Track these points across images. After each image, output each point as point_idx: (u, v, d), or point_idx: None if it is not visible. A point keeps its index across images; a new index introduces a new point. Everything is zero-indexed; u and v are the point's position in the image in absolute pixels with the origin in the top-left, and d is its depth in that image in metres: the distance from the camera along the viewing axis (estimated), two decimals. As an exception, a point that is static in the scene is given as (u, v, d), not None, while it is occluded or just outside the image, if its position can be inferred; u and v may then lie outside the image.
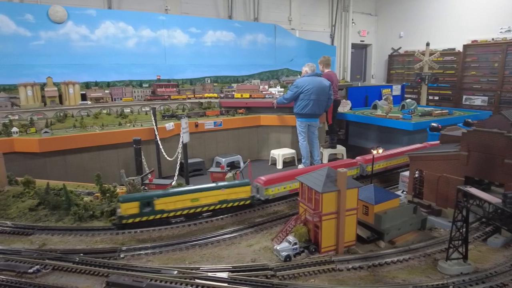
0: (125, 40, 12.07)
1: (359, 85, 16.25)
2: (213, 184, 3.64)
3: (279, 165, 10.57)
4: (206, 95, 12.25)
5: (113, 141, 9.31)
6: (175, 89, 12.07)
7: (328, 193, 2.77)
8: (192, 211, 3.45)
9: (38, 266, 2.58)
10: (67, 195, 3.54)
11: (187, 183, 8.52)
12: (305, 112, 9.04)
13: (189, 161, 9.51)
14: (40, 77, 10.90)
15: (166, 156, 9.04)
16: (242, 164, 10.38)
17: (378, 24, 19.21)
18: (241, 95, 11.57)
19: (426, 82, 14.42)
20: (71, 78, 11.07)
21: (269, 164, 11.00)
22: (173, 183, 4.59)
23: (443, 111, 11.32)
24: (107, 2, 12.31)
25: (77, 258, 2.69)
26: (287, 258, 2.73)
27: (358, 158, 4.80)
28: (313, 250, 2.85)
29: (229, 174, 4.81)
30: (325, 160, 10.67)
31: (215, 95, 12.24)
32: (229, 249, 2.91)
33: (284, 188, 3.94)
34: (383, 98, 13.79)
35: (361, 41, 18.87)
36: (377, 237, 3.11)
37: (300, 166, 6.94)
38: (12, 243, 3.06)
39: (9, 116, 9.82)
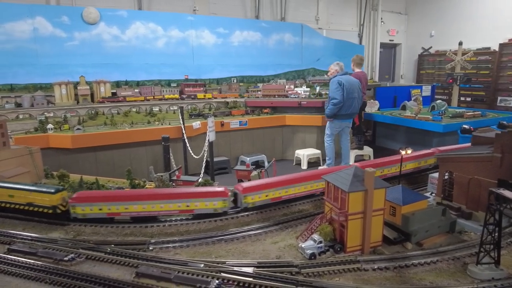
0: (155, 40, 12.38)
1: (388, 85, 15.90)
2: (23, 186, 3.52)
3: (304, 165, 10.53)
4: (228, 95, 12.38)
5: (142, 138, 9.57)
6: (202, 88, 12.25)
7: (354, 193, 2.75)
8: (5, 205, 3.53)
9: (73, 255, 2.72)
10: (99, 189, 3.70)
11: (212, 181, 8.65)
12: (349, 112, 8.62)
13: (215, 159, 9.64)
14: (74, 76, 11.37)
15: (192, 154, 9.19)
16: (266, 164, 10.41)
17: (408, 23, 18.72)
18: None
19: (458, 83, 13.92)
20: (102, 77, 11.48)
21: (294, 164, 10.98)
22: (199, 180, 4.70)
23: (476, 113, 10.87)
24: (138, 3, 12.67)
25: (109, 249, 2.81)
26: (312, 256, 2.74)
27: (240, 184, 3.85)
28: (338, 249, 2.84)
29: (254, 173, 4.86)
30: (351, 162, 10.52)
31: (236, 95, 12.36)
32: (254, 245, 2.95)
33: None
34: (412, 99, 13.42)
35: (390, 40, 18.47)
36: (404, 239, 3.05)
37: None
38: (49, 232, 3.24)
39: (45, 113, 10.32)
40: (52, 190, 3.38)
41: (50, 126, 9.35)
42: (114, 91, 11.54)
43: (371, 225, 2.85)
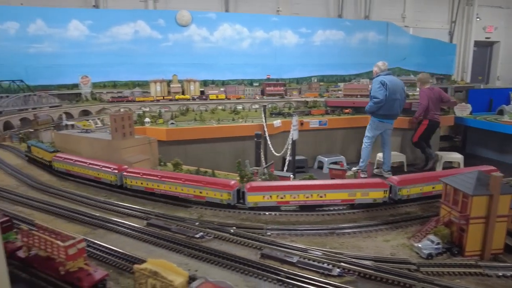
0: (240, 41, 12.95)
1: (481, 87, 14.60)
2: None
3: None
4: (307, 94, 12.44)
5: (226, 134, 10.10)
6: (282, 88, 12.51)
7: (478, 197, 2.68)
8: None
9: (202, 233, 3.06)
10: (215, 176, 4.08)
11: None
12: (391, 113, 8.37)
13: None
14: (167, 75, 12.40)
15: (273, 151, 9.42)
16: (345, 165, 10.27)
17: (509, 18, 16.89)
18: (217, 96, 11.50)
19: None
20: (192, 76, 12.33)
21: (375, 167, 10.67)
22: (291, 177, 4.87)
23: None
24: (225, 5, 13.33)
25: (232, 230, 3.11)
26: (429, 256, 2.73)
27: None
28: (456, 252, 2.79)
29: (350, 172, 4.90)
30: (439, 168, 9.91)
31: (316, 94, 12.35)
32: (366, 241, 3.03)
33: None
34: (512, 102, 12.18)
35: (486, 38, 16.85)
36: (528, 250, 2.88)
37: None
38: (175, 212, 3.67)
39: (142, 108, 11.43)
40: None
41: (147, 119, 10.35)
42: (202, 89, 12.32)
43: (494, 231, 2.75)
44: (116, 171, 4.29)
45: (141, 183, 4.10)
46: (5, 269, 2.09)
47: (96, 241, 2.93)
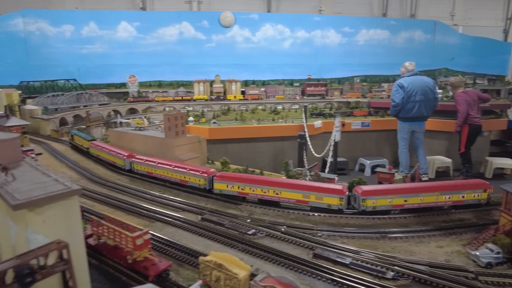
0: (281, 42, 13.00)
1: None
2: None
3: (431, 174, 9.76)
4: (349, 95, 12.25)
5: (267, 134, 10.18)
6: (323, 88, 12.41)
7: (544, 206, 2.58)
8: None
9: (254, 230, 3.17)
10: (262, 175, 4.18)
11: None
12: (410, 115, 7.98)
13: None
14: (210, 75, 12.71)
15: (313, 152, 9.37)
16: (387, 168, 10.01)
17: None
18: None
19: None
20: (234, 76, 12.55)
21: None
22: (336, 179, 4.86)
23: None
24: (267, 5, 13.43)
25: (283, 229, 3.19)
26: (488, 265, 2.66)
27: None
28: (517, 263, 2.70)
29: (398, 176, 4.82)
30: (489, 175, 9.38)
31: (358, 95, 12.13)
32: (419, 246, 3.00)
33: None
34: None
35: (545, 36, 15.73)
36: None
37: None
38: (227, 209, 3.82)
39: (186, 107, 11.82)
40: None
41: (190, 118, 10.68)
42: (243, 89, 12.52)
43: (560, 243, 2.63)
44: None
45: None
46: (84, 255, 2.32)
47: (155, 233, 3.12)
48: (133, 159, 4.97)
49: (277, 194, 3.75)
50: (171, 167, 4.37)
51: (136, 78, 13.00)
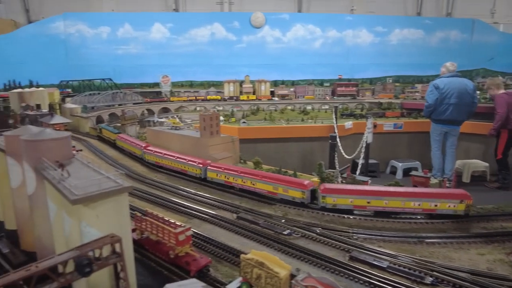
0: (312, 41, 12.94)
1: None
2: None
3: (466, 179, 9.34)
4: (381, 95, 12.02)
5: (296, 134, 10.17)
6: (354, 88, 12.26)
7: None
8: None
9: (289, 230, 3.22)
10: (296, 176, 4.23)
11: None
12: (443, 118, 7.65)
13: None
14: (240, 75, 12.86)
15: (343, 153, 9.28)
16: (420, 171, 9.75)
17: None
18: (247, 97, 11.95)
19: None
20: (263, 77, 12.63)
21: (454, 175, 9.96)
22: (369, 182, 4.81)
23: None
24: (298, 5, 13.41)
25: (318, 230, 3.22)
26: (533, 275, 2.59)
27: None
28: None
29: (434, 180, 4.71)
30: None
31: (391, 96, 11.88)
32: (458, 253, 2.95)
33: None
34: None
35: None
36: None
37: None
38: (261, 208, 3.89)
39: (216, 107, 12.02)
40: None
41: (221, 118, 10.87)
42: (272, 89, 12.58)
43: None
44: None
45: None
46: (131, 249, 2.45)
47: (194, 230, 3.24)
48: (145, 150, 5.76)
49: (253, 184, 4.16)
50: (174, 158, 5.05)
51: (169, 78, 13.35)
